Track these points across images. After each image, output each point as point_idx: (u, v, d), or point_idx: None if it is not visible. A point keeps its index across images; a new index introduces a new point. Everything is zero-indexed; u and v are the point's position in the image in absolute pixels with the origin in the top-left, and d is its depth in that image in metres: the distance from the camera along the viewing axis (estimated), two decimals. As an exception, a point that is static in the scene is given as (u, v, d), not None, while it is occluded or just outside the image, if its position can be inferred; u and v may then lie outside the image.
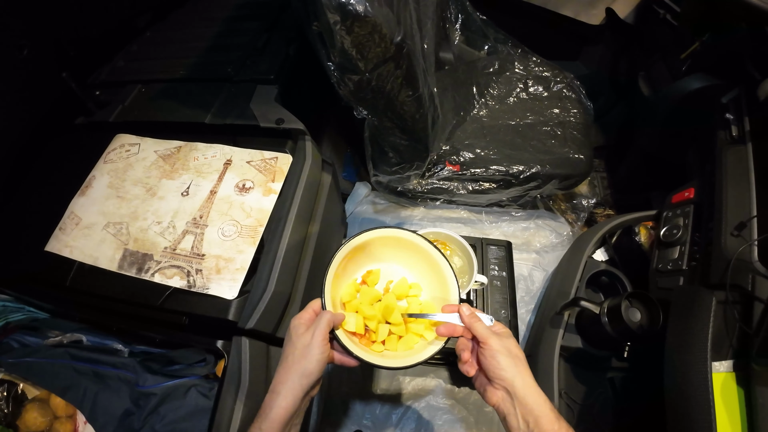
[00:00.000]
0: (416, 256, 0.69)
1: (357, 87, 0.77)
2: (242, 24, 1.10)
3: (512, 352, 0.53)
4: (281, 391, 0.52)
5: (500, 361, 0.52)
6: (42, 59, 0.91)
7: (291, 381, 0.52)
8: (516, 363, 0.52)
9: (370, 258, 0.71)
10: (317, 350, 0.53)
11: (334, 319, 0.57)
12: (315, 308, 0.58)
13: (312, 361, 0.53)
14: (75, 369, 0.76)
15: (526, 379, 0.52)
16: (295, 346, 0.54)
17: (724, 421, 0.60)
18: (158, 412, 0.72)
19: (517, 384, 0.51)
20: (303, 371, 0.52)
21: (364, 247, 0.67)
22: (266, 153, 0.85)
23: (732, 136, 0.84)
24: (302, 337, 0.54)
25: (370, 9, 0.64)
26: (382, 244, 0.69)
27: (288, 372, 0.53)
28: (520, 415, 0.50)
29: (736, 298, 0.66)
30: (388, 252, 0.71)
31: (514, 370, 0.52)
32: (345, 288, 0.67)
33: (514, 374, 0.52)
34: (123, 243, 0.77)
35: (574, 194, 1.45)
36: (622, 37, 1.38)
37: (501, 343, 0.53)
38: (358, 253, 0.68)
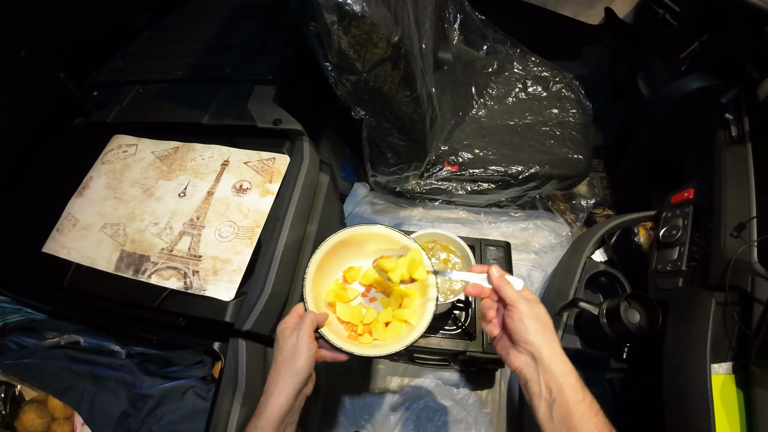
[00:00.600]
0: (389, 248, 0.71)
1: (355, 87, 0.77)
2: (240, 24, 1.10)
3: (540, 318, 0.52)
4: (274, 391, 0.54)
5: (528, 325, 0.51)
6: (40, 60, 0.91)
7: (282, 380, 0.54)
8: (544, 329, 0.51)
9: (350, 256, 0.72)
10: (304, 349, 0.55)
11: (318, 318, 0.59)
12: (299, 312, 0.60)
13: (300, 359, 0.54)
14: (72, 370, 0.76)
15: (553, 346, 0.51)
16: (283, 348, 0.56)
17: (724, 423, 0.59)
18: (155, 414, 0.72)
19: (544, 350, 0.50)
20: (293, 370, 0.54)
21: (341, 246, 0.69)
22: (264, 154, 0.85)
23: (731, 136, 0.84)
24: (288, 339, 0.56)
25: (367, 9, 0.63)
26: (360, 241, 0.71)
27: (279, 373, 0.55)
28: (543, 381, 0.49)
29: (736, 300, 0.66)
30: (366, 249, 0.72)
31: (541, 336, 0.51)
32: (328, 289, 0.69)
33: (542, 340, 0.50)
34: (120, 244, 0.77)
35: (573, 194, 1.45)
36: (621, 37, 1.38)
37: (530, 307, 0.52)
38: (337, 252, 0.69)
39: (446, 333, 0.89)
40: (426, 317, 0.64)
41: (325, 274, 0.69)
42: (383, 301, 0.71)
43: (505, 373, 1.11)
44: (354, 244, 0.71)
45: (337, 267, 0.72)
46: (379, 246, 0.72)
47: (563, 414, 0.47)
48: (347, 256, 0.72)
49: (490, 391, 1.09)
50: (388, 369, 1.12)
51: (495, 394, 1.09)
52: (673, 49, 1.08)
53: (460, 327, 0.89)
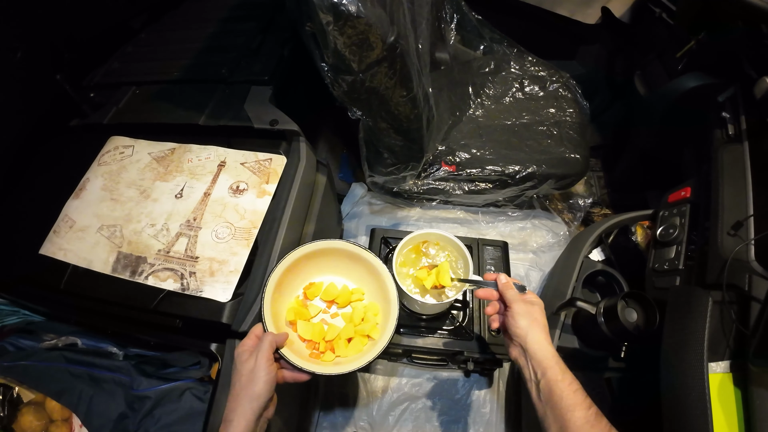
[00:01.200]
0: (353, 264, 0.74)
1: (351, 88, 0.77)
2: (237, 25, 1.10)
3: (533, 315, 0.61)
4: (233, 419, 0.53)
5: (518, 321, 0.60)
6: (36, 62, 0.90)
7: (241, 407, 0.53)
8: (532, 324, 0.60)
9: (309, 272, 0.75)
10: (263, 372, 0.55)
11: (277, 339, 0.59)
12: (257, 333, 0.61)
13: (259, 383, 0.54)
14: (70, 372, 0.76)
15: (539, 338, 0.59)
16: (241, 372, 0.56)
17: (721, 422, 0.59)
18: (153, 415, 0.72)
19: (530, 340, 0.58)
20: (251, 395, 0.54)
21: (299, 263, 0.71)
22: (260, 154, 0.85)
23: (728, 134, 0.84)
24: (246, 363, 0.56)
25: (362, 9, 0.63)
26: (318, 257, 0.73)
27: (237, 399, 0.54)
28: (531, 367, 0.58)
29: (733, 298, 0.66)
30: (325, 263, 0.75)
31: (528, 329, 0.59)
32: (288, 307, 0.71)
33: (528, 332, 0.59)
34: (117, 246, 0.76)
35: (570, 194, 1.45)
36: (618, 36, 1.38)
37: (526, 308, 0.61)
38: (295, 269, 0.71)
39: (444, 333, 0.89)
40: (387, 332, 0.66)
41: (285, 292, 0.71)
42: (345, 316, 0.73)
43: (503, 372, 1.11)
44: (313, 260, 0.73)
45: (297, 283, 0.74)
46: (339, 261, 0.74)
47: (547, 392, 0.55)
48: (307, 272, 0.74)
49: (488, 390, 1.09)
50: (387, 369, 1.12)
51: (493, 394, 1.09)
52: (670, 48, 1.08)
53: (458, 327, 0.89)
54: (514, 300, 0.62)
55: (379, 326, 0.70)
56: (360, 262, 0.74)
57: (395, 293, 0.70)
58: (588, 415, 0.52)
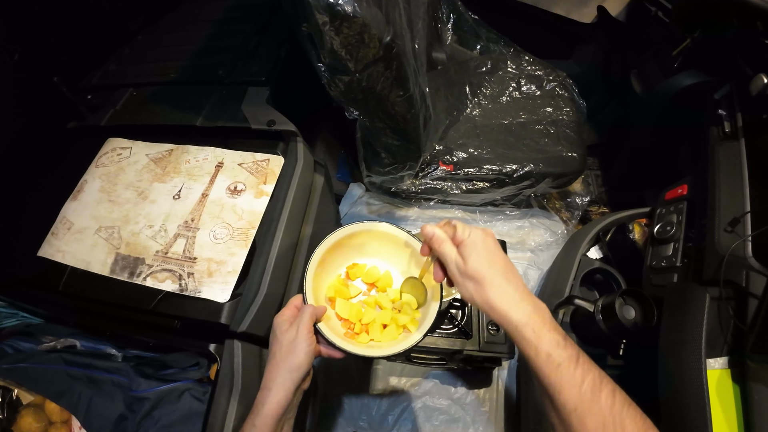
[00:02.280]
0: (399, 250, 0.69)
1: (347, 88, 0.77)
2: (233, 26, 1.10)
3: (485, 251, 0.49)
4: (272, 387, 0.52)
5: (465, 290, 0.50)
6: (33, 64, 0.91)
7: (281, 376, 0.53)
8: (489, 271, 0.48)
9: (353, 253, 0.71)
10: (303, 344, 0.54)
11: (317, 312, 0.57)
12: (296, 304, 0.59)
13: (299, 355, 0.53)
14: (69, 374, 0.76)
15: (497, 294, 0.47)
16: (281, 342, 0.55)
17: (720, 418, 0.59)
18: (152, 417, 0.72)
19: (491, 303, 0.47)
20: (291, 365, 0.53)
21: (345, 241, 0.67)
22: (258, 155, 0.85)
23: (724, 132, 0.84)
24: (287, 333, 0.55)
25: (358, 9, 0.63)
26: (365, 239, 0.69)
27: (277, 368, 0.53)
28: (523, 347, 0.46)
29: (730, 294, 0.66)
30: (371, 247, 0.71)
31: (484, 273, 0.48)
32: (329, 284, 0.68)
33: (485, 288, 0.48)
34: (115, 247, 0.76)
35: (568, 192, 1.45)
36: (614, 35, 1.38)
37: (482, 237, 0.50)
38: (340, 247, 0.68)
39: (443, 332, 0.89)
40: (425, 325, 0.62)
41: (327, 269, 0.68)
42: (383, 301, 0.69)
43: (502, 371, 1.11)
44: (358, 241, 0.69)
45: (340, 262, 0.70)
46: (384, 245, 0.70)
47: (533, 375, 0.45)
48: (351, 253, 0.71)
49: (487, 389, 1.09)
50: (386, 369, 1.12)
51: (492, 393, 1.09)
52: (666, 47, 1.09)
53: (456, 326, 0.90)
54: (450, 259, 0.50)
55: (416, 319, 0.66)
56: (407, 250, 0.68)
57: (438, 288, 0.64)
58: (582, 393, 0.40)
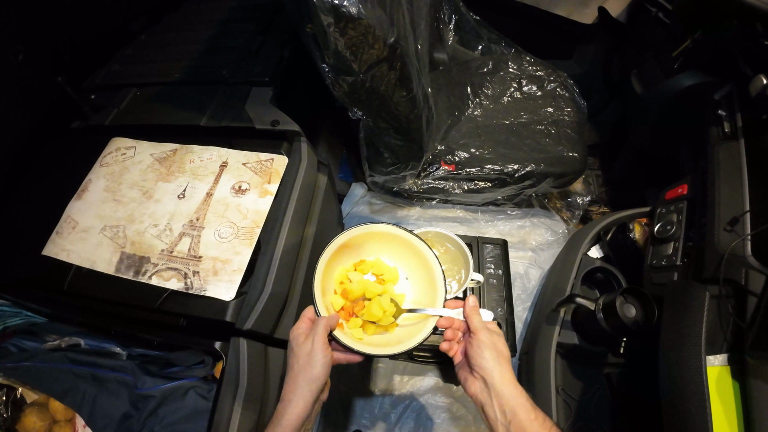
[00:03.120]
0: (407, 253, 0.69)
1: (351, 88, 0.78)
2: (237, 26, 1.11)
3: (497, 347, 0.56)
4: (292, 399, 0.53)
5: (484, 351, 0.55)
6: (37, 64, 0.91)
7: (300, 388, 0.53)
8: (498, 358, 0.55)
9: (357, 254, 0.71)
10: (320, 355, 0.55)
11: (330, 322, 0.58)
12: (309, 316, 0.60)
13: (317, 366, 0.54)
14: (73, 373, 0.76)
15: (504, 373, 0.54)
16: (298, 355, 0.55)
17: (720, 414, 0.60)
18: (157, 414, 0.72)
19: (495, 375, 0.53)
20: (310, 377, 0.54)
21: (352, 243, 0.68)
22: (262, 155, 0.86)
23: (724, 132, 0.85)
24: (303, 345, 0.56)
25: (363, 10, 0.64)
26: (371, 240, 0.69)
27: (296, 380, 0.54)
28: (496, 405, 0.52)
29: (730, 293, 0.67)
30: (377, 248, 0.71)
31: (494, 363, 0.54)
32: (337, 275, 0.68)
33: (494, 366, 0.54)
34: (120, 246, 0.77)
35: (568, 192, 1.46)
36: (614, 36, 1.39)
37: (490, 338, 0.56)
38: (347, 249, 0.68)
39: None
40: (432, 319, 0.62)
41: (333, 274, 0.68)
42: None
43: (504, 370, 1.12)
44: (361, 243, 0.69)
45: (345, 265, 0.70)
46: (386, 245, 0.70)
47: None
48: (354, 255, 0.71)
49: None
50: (388, 367, 1.13)
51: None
52: (666, 47, 1.09)
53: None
54: (480, 328, 0.57)
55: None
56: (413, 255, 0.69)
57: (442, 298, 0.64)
58: None
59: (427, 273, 0.67)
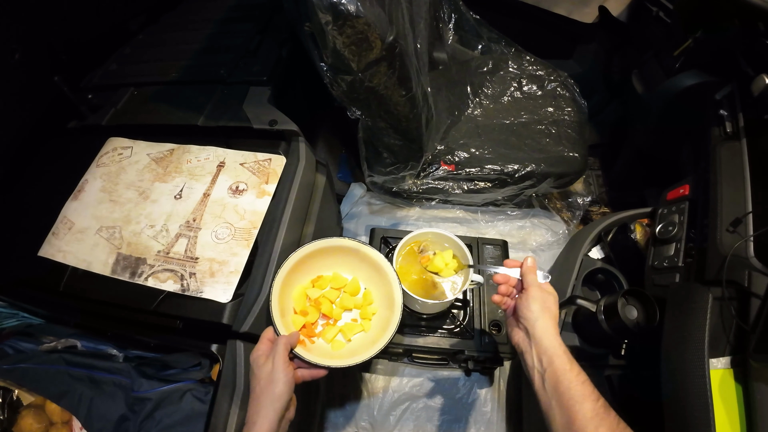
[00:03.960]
0: (357, 260, 0.76)
1: (350, 87, 0.77)
2: (235, 26, 1.10)
3: (546, 304, 0.59)
4: (257, 420, 0.54)
5: (531, 304, 0.59)
6: (34, 63, 0.90)
7: (264, 409, 0.54)
8: (544, 312, 0.58)
9: (314, 270, 0.76)
10: (281, 374, 0.56)
11: (290, 340, 0.60)
12: (269, 337, 0.61)
13: (279, 385, 0.55)
14: (70, 375, 0.75)
15: (546, 326, 0.57)
16: (259, 377, 0.57)
17: (723, 417, 0.59)
18: (154, 417, 0.71)
19: (538, 326, 0.57)
20: (272, 397, 0.55)
21: (301, 264, 0.73)
22: (260, 155, 0.85)
23: (726, 132, 0.84)
24: (263, 367, 0.57)
25: (361, 9, 0.63)
26: (318, 256, 0.75)
27: (258, 401, 0.55)
28: (535, 353, 0.56)
29: (733, 294, 0.66)
30: (331, 263, 0.77)
31: (539, 314, 0.58)
32: (295, 294, 0.73)
33: (538, 317, 0.58)
34: (116, 247, 0.76)
35: (569, 192, 1.45)
36: (615, 35, 1.38)
37: (541, 294, 0.60)
38: (300, 268, 0.73)
39: (445, 332, 0.89)
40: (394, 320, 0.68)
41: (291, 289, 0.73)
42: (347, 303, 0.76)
43: (503, 371, 1.11)
44: (317, 258, 0.75)
45: (304, 279, 0.76)
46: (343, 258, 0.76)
47: (553, 382, 0.53)
48: (313, 270, 0.76)
49: (489, 389, 1.09)
50: (387, 369, 1.12)
51: (494, 393, 1.09)
52: (667, 47, 1.09)
53: (458, 326, 0.89)
54: (533, 284, 0.61)
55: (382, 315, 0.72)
56: (363, 260, 0.75)
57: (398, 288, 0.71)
58: (597, 407, 0.50)
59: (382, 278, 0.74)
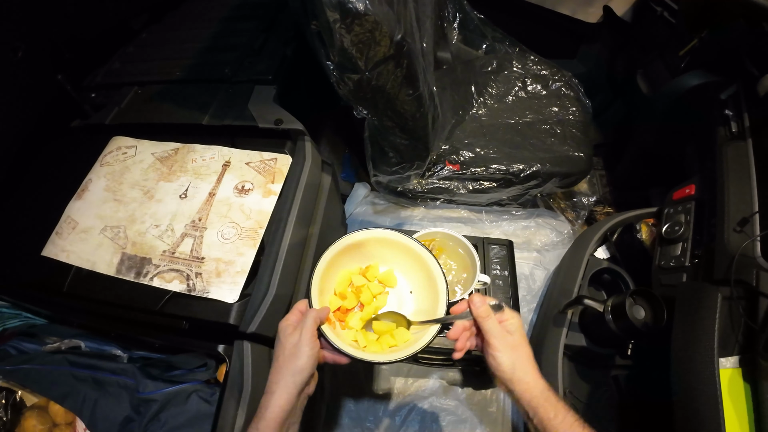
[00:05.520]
0: (411, 261, 0.69)
1: (357, 86, 0.77)
2: (239, 24, 1.10)
3: (514, 346, 0.56)
4: (275, 390, 0.52)
5: (499, 359, 0.55)
6: (37, 61, 0.90)
7: (284, 380, 0.53)
8: (516, 361, 0.55)
9: (361, 258, 0.71)
10: (306, 347, 0.54)
11: (320, 315, 0.57)
12: (301, 309, 0.59)
13: (302, 358, 0.53)
14: (74, 375, 0.75)
15: (523, 374, 0.54)
16: (285, 346, 0.55)
17: (732, 416, 0.59)
18: (159, 419, 0.71)
19: (515, 379, 0.54)
20: (294, 369, 0.53)
21: (356, 246, 0.68)
22: (265, 154, 0.84)
23: (732, 132, 0.84)
24: (290, 336, 0.55)
25: (370, 7, 0.63)
26: (377, 245, 0.69)
27: (280, 372, 0.53)
28: (519, 402, 0.55)
29: (741, 294, 0.66)
30: (381, 253, 0.71)
31: (513, 368, 0.55)
32: (340, 276, 0.68)
33: (513, 371, 0.54)
34: (121, 247, 0.76)
35: (573, 192, 1.45)
36: (619, 35, 1.38)
37: (505, 341, 0.56)
38: (350, 252, 0.68)
39: (451, 332, 0.89)
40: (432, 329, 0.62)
41: (335, 273, 0.68)
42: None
43: (509, 371, 1.11)
44: (366, 247, 0.69)
45: (348, 266, 0.70)
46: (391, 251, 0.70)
47: (542, 430, 0.52)
48: (358, 258, 0.71)
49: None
50: (392, 370, 1.12)
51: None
52: (672, 47, 1.09)
53: (464, 326, 0.89)
54: (493, 334, 0.56)
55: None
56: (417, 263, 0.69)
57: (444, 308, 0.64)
58: None
59: (432, 289, 0.67)
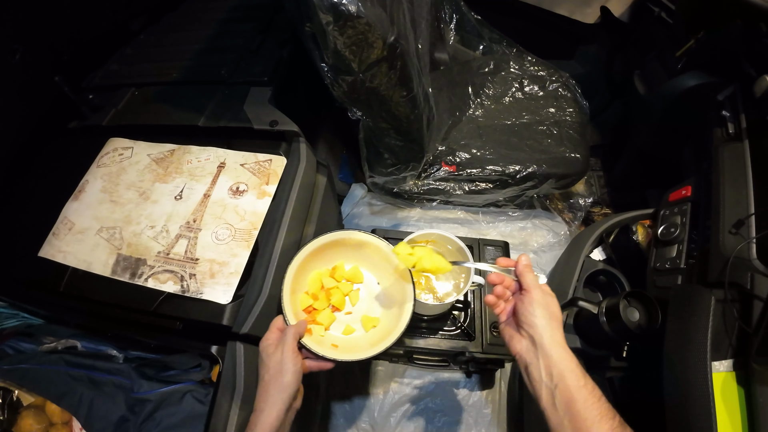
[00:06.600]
0: (371, 254, 0.74)
1: (351, 88, 0.77)
2: (236, 26, 1.10)
3: (550, 307, 0.54)
4: (264, 408, 0.54)
5: (535, 309, 0.53)
6: (35, 63, 0.90)
7: (272, 397, 0.54)
8: (550, 317, 0.53)
9: (329, 261, 0.75)
10: (290, 364, 0.56)
11: (299, 330, 0.60)
12: (279, 326, 0.62)
13: (287, 375, 0.55)
14: (70, 375, 0.75)
15: (555, 334, 0.52)
16: (268, 365, 0.57)
17: (725, 420, 0.59)
18: (154, 418, 0.72)
19: (545, 335, 0.51)
20: (281, 386, 0.55)
21: (319, 251, 0.72)
22: (260, 155, 0.85)
23: (728, 133, 0.84)
24: (273, 355, 0.57)
25: (362, 9, 0.63)
26: (337, 247, 0.73)
27: (267, 390, 0.55)
28: (543, 366, 0.50)
29: (735, 297, 0.65)
30: (344, 253, 0.75)
31: (545, 321, 0.52)
32: (311, 278, 0.72)
33: (545, 325, 0.52)
34: (116, 248, 0.76)
35: (570, 193, 1.45)
36: (617, 36, 1.38)
37: (543, 296, 0.54)
38: (316, 256, 0.72)
39: (446, 333, 0.89)
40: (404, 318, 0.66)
41: (303, 282, 0.72)
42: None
43: (504, 373, 1.11)
44: (333, 250, 0.73)
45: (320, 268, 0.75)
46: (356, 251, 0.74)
47: (566, 400, 0.47)
48: (327, 261, 0.75)
49: (490, 391, 1.09)
50: (388, 370, 1.12)
51: (495, 394, 1.09)
52: (669, 47, 1.08)
53: (459, 327, 0.89)
54: (534, 285, 0.54)
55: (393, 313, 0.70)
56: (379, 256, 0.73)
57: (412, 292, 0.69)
58: (614, 426, 0.46)
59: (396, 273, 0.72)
